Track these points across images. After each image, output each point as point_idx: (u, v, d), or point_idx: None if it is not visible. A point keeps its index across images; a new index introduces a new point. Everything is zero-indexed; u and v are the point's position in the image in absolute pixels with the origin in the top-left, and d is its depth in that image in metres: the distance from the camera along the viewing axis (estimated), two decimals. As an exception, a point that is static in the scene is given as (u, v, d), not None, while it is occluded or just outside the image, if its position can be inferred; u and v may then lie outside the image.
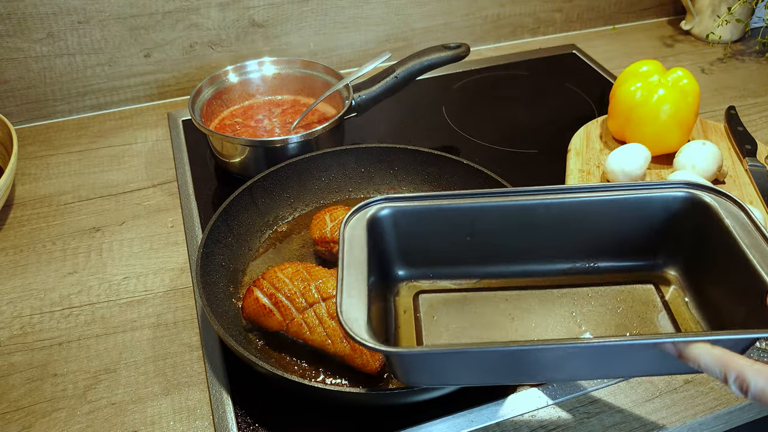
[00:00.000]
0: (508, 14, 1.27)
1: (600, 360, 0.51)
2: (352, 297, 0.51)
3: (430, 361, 0.50)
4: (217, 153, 0.90)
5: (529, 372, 0.52)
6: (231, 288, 0.71)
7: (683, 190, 0.60)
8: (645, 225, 0.62)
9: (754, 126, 1.02)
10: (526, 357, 0.49)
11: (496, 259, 0.64)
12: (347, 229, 0.59)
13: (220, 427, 0.60)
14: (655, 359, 0.49)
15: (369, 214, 0.60)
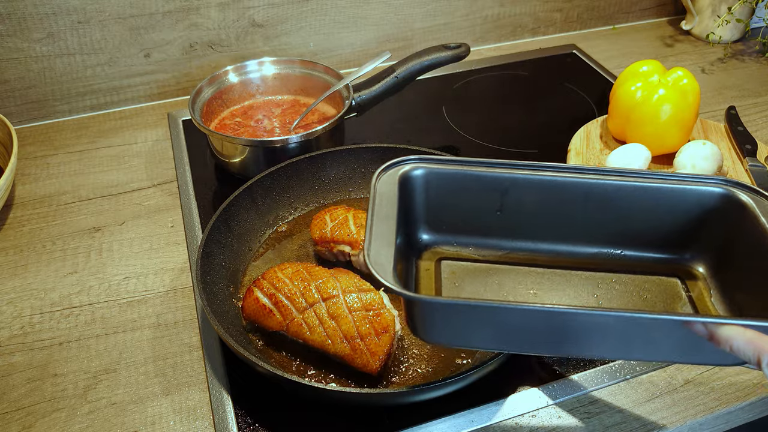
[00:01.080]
0: (508, 14, 1.27)
1: (624, 336, 0.50)
2: (381, 246, 0.51)
3: (451, 314, 0.49)
4: (217, 153, 0.90)
5: (551, 341, 0.51)
6: (231, 288, 0.71)
7: (721, 186, 0.59)
8: (678, 217, 0.61)
9: (754, 126, 1.02)
10: (550, 321, 0.48)
11: (523, 234, 0.63)
12: (379, 183, 0.58)
13: (220, 427, 0.60)
14: (681, 342, 0.48)
15: (401, 171, 0.60)
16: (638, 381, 0.64)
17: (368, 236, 0.51)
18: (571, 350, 0.53)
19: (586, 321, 0.48)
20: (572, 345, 0.51)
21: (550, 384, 0.63)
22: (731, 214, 0.58)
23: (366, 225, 0.52)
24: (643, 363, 0.65)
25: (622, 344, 0.50)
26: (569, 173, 0.60)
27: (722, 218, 0.59)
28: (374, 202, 0.55)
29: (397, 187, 0.58)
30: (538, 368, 0.65)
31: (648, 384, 0.64)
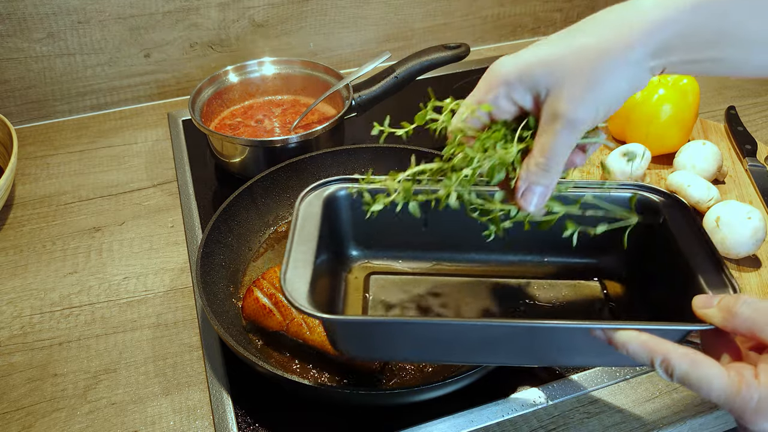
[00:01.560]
0: (508, 14, 1.27)
1: (532, 344, 0.52)
2: (298, 269, 0.52)
3: (359, 330, 0.52)
4: (217, 153, 0.90)
5: (458, 351, 0.53)
6: (231, 288, 0.71)
7: (632, 191, 0.62)
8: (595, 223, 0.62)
9: (754, 126, 1.02)
10: (452, 334, 0.50)
11: (448, 246, 0.65)
12: (303, 204, 0.60)
13: (220, 427, 0.60)
14: (590, 347, 0.50)
15: (327, 192, 0.61)
16: (638, 381, 0.64)
17: (286, 259, 0.53)
18: (481, 359, 0.55)
19: (489, 332, 0.50)
20: (481, 354, 0.53)
21: (550, 384, 0.63)
22: (644, 217, 0.60)
23: (286, 248, 0.54)
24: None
25: (531, 351, 0.53)
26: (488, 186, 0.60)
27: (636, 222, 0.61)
28: (296, 224, 0.57)
29: (321, 208, 0.60)
30: (538, 368, 0.65)
31: (648, 384, 0.64)
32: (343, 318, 0.53)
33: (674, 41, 0.42)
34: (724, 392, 0.40)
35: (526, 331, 0.50)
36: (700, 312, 0.45)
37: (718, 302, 0.44)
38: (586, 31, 0.45)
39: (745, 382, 0.40)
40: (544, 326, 0.48)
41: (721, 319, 0.44)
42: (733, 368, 0.41)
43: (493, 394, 0.62)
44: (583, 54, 0.44)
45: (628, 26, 0.43)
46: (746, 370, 0.41)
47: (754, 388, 0.39)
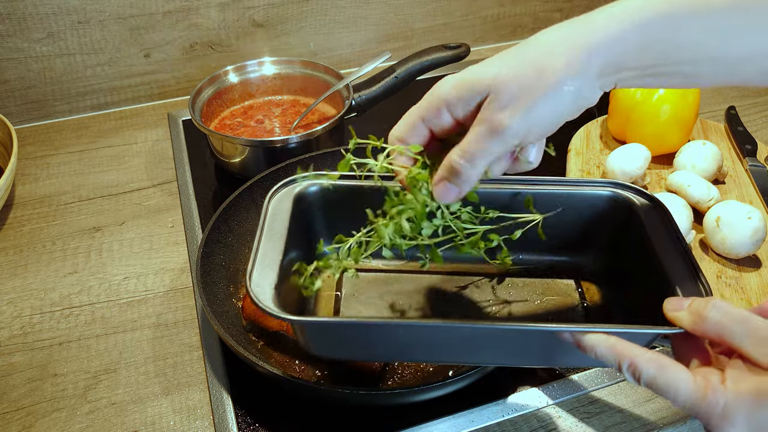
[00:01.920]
0: (508, 14, 1.27)
1: (500, 345, 0.51)
2: (265, 267, 0.52)
3: (325, 332, 0.51)
4: (217, 153, 0.90)
5: (425, 351, 0.53)
6: (231, 288, 0.71)
7: (608, 188, 0.61)
8: (570, 221, 0.62)
9: (754, 126, 1.02)
10: (419, 335, 0.50)
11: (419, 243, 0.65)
12: (273, 201, 0.59)
13: (220, 427, 0.60)
14: (558, 349, 0.50)
15: (297, 189, 0.61)
16: (638, 381, 0.64)
17: (253, 258, 0.52)
18: (450, 358, 0.55)
19: (456, 333, 0.50)
20: (450, 353, 0.53)
21: (550, 384, 0.63)
22: (619, 215, 0.60)
23: (253, 246, 0.53)
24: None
25: (500, 352, 0.52)
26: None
27: (612, 220, 0.61)
28: (264, 221, 0.56)
29: (292, 204, 0.59)
30: (538, 368, 0.65)
31: (648, 384, 0.64)
32: (307, 320, 0.52)
33: (623, 58, 0.43)
34: (691, 397, 0.40)
35: (492, 333, 0.50)
36: (671, 315, 0.45)
37: (688, 305, 0.44)
38: (529, 49, 0.46)
39: (711, 387, 0.40)
40: (509, 329, 0.48)
41: (690, 322, 0.43)
42: (700, 373, 0.41)
43: (493, 394, 0.62)
44: (522, 72, 0.45)
45: (570, 45, 0.44)
46: (713, 375, 0.41)
47: (720, 394, 0.39)
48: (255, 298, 0.48)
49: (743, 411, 0.39)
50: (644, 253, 0.55)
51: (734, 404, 0.39)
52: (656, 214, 0.57)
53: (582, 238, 0.63)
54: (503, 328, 0.49)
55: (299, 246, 0.59)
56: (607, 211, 0.61)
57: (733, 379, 0.40)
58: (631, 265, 0.59)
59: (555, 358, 0.53)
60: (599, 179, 0.62)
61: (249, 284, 0.50)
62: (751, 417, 0.39)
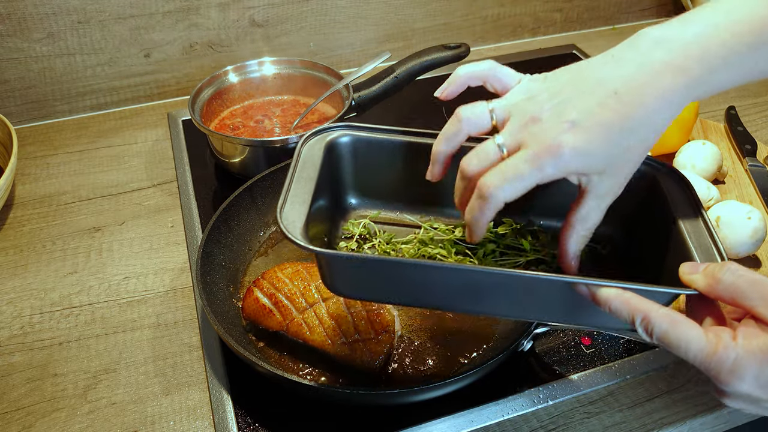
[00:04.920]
0: (508, 14, 1.27)
1: (515, 296, 0.51)
2: (295, 204, 0.52)
3: (352, 268, 0.52)
4: (217, 153, 0.90)
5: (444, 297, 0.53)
6: (231, 288, 0.71)
7: None
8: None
9: (754, 126, 1.02)
10: (438, 277, 0.50)
11: (446, 202, 0.64)
12: (305, 147, 0.59)
13: (220, 427, 0.60)
14: (573, 304, 0.50)
15: (329, 137, 0.61)
16: (638, 381, 0.64)
17: (284, 195, 0.53)
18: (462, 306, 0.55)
19: (473, 278, 0.50)
20: (463, 301, 0.53)
21: (550, 384, 0.63)
22: (641, 185, 0.60)
23: (284, 185, 0.54)
24: (643, 363, 0.65)
25: (516, 304, 0.52)
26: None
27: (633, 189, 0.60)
28: (296, 165, 0.57)
29: (323, 152, 0.59)
30: (538, 368, 0.65)
31: (648, 384, 0.64)
32: (336, 253, 0.53)
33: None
34: (702, 352, 0.41)
35: (509, 280, 0.50)
36: (686, 278, 0.46)
37: (704, 269, 0.45)
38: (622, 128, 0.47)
39: (723, 342, 0.40)
40: (527, 276, 0.48)
41: (705, 284, 0.44)
42: (712, 330, 0.42)
43: (493, 394, 0.62)
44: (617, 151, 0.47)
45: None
46: (724, 332, 0.41)
47: (731, 348, 0.40)
48: (285, 231, 0.49)
49: (753, 366, 0.40)
50: (664, 222, 0.56)
51: (744, 359, 0.40)
52: (677, 184, 0.58)
53: None
54: (521, 275, 0.49)
55: (327, 195, 0.60)
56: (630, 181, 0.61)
57: (744, 335, 0.41)
58: (650, 235, 0.59)
59: (569, 313, 0.53)
60: None
61: (280, 217, 0.50)
62: (760, 372, 0.40)
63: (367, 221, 0.64)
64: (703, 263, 0.46)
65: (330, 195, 0.61)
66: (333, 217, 0.64)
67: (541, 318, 0.59)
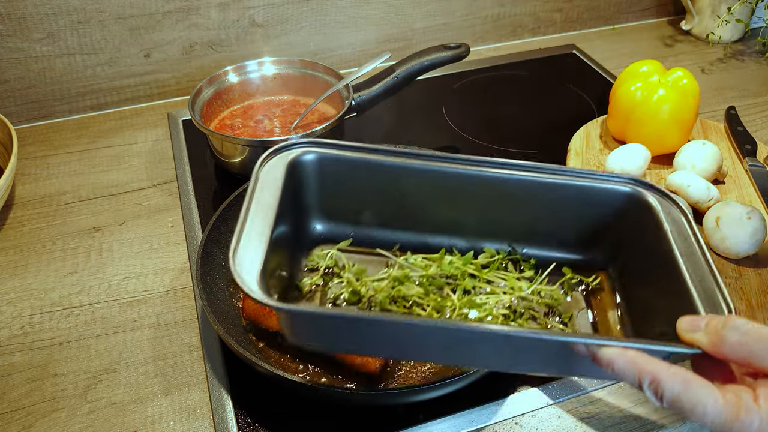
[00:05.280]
0: (508, 14, 1.27)
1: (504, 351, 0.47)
2: (251, 244, 0.46)
3: (311, 322, 0.47)
4: (217, 153, 0.90)
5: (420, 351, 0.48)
6: (231, 288, 0.70)
7: (628, 185, 0.57)
8: (583, 216, 0.58)
9: (754, 126, 1.02)
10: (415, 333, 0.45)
11: (421, 228, 0.60)
12: (263, 169, 0.53)
13: (220, 427, 0.60)
14: (569, 359, 0.46)
15: (291, 156, 0.55)
16: (638, 381, 0.64)
17: (238, 233, 0.47)
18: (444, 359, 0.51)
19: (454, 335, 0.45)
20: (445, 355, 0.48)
21: (550, 384, 0.63)
22: (636, 215, 0.56)
23: (239, 219, 0.48)
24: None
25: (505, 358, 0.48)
26: (469, 165, 0.56)
27: (628, 219, 0.57)
28: (253, 191, 0.50)
29: (284, 173, 0.53)
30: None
31: (648, 384, 0.64)
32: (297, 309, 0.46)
33: None
34: (720, 416, 0.37)
35: (495, 338, 0.45)
36: (687, 337, 0.42)
37: (705, 325, 0.41)
38: None
39: (744, 406, 0.37)
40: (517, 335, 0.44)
41: (709, 345, 0.40)
42: (730, 391, 0.38)
43: (493, 394, 0.62)
44: None
45: None
46: (744, 392, 0.38)
47: (755, 413, 0.37)
48: (239, 281, 0.43)
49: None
50: (663, 258, 0.52)
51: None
52: (679, 216, 0.54)
53: (594, 234, 0.60)
54: (510, 333, 0.44)
55: (290, 220, 0.54)
56: (623, 209, 0.57)
57: (766, 397, 0.37)
58: (647, 269, 0.55)
59: (565, 367, 0.49)
60: (619, 174, 0.57)
61: (232, 263, 0.44)
62: None
63: (334, 251, 0.59)
64: (703, 317, 0.42)
65: (293, 221, 0.56)
66: (296, 246, 0.58)
67: (536, 371, 0.54)
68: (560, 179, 0.57)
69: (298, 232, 0.58)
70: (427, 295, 0.55)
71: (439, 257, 0.58)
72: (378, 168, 0.57)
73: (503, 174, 0.57)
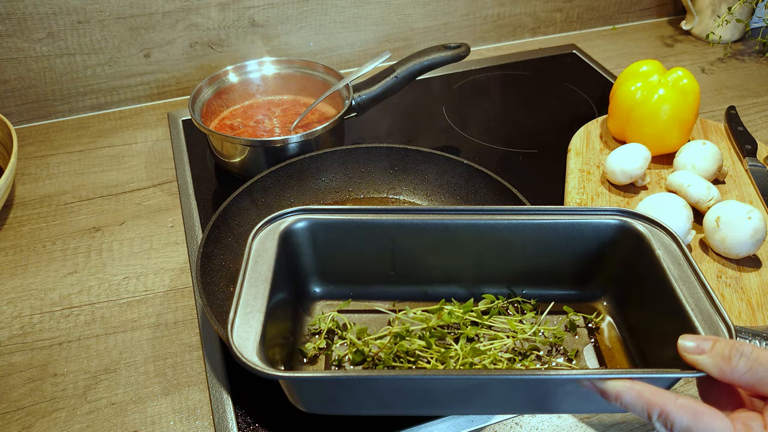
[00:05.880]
0: (508, 14, 1.27)
1: (512, 395, 0.48)
2: (248, 315, 0.48)
3: (322, 388, 0.47)
4: (217, 153, 0.90)
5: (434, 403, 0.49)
6: (231, 288, 0.71)
7: (616, 217, 0.58)
8: (576, 252, 0.60)
9: (754, 126, 1.02)
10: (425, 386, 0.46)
11: (420, 280, 0.62)
12: (256, 241, 0.55)
13: (220, 427, 0.60)
14: (575, 396, 0.46)
15: (283, 226, 0.57)
16: (638, 381, 0.64)
17: (234, 307, 0.48)
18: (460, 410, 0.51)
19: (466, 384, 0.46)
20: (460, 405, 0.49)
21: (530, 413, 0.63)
22: (628, 245, 0.57)
23: (235, 291, 0.49)
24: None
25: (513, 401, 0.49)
26: (457, 215, 0.58)
27: (620, 250, 0.58)
28: (247, 263, 0.52)
29: (277, 243, 0.55)
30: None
31: (648, 384, 0.64)
32: (297, 376, 0.46)
33: None
34: None
35: (504, 383, 0.46)
36: (691, 359, 0.42)
37: (711, 348, 0.41)
38: None
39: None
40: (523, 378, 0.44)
41: (717, 370, 0.40)
42: (740, 419, 0.38)
43: (493, 394, 0.62)
44: None
45: None
46: (754, 421, 0.38)
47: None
48: (238, 354, 0.44)
49: None
50: (659, 285, 0.52)
51: None
52: (669, 242, 0.55)
53: (589, 269, 0.61)
54: (517, 378, 0.45)
55: (287, 286, 0.56)
56: (615, 241, 0.58)
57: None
58: (644, 298, 0.56)
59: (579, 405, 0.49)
60: (606, 207, 0.58)
61: (231, 337, 0.45)
62: None
63: (335, 314, 0.60)
64: (706, 338, 0.42)
65: (291, 287, 0.57)
66: (296, 311, 0.60)
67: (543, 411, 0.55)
68: (548, 219, 0.58)
69: (297, 297, 0.60)
70: (430, 348, 0.56)
71: (438, 308, 0.59)
72: (368, 227, 0.59)
73: (491, 220, 0.58)
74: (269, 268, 0.52)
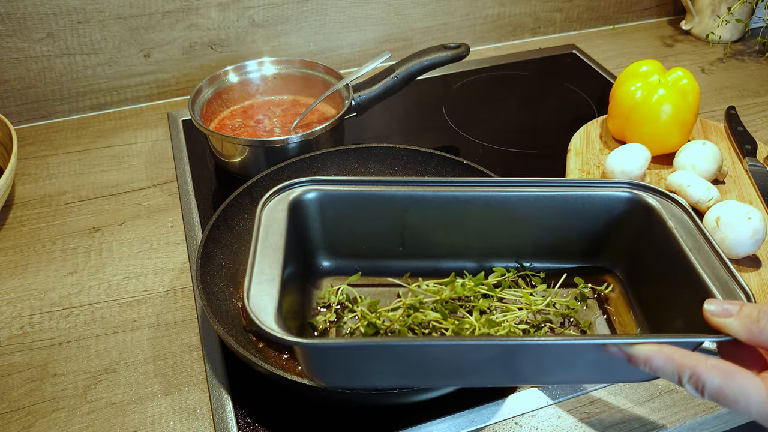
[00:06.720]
0: (508, 14, 1.27)
1: (532, 363, 0.47)
2: (263, 283, 0.47)
3: (339, 356, 0.46)
4: (217, 153, 0.90)
5: (449, 373, 0.48)
6: (231, 288, 0.70)
7: (626, 190, 0.58)
8: (586, 225, 0.59)
9: (754, 126, 1.02)
10: (441, 354, 0.45)
11: (427, 254, 0.61)
12: (265, 210, 0.54)
13: (220, 427, 0.60)
14: (597, 363, 0.46)
15: (292, 196, 0.56)
16: (638, 381, 0.64)
17: (249, 273, 0.47)
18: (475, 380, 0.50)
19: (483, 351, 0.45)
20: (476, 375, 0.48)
21: (549, 384, 0.63)
22: (639, 217, 0.57)
23: (249, 260, 0.49)
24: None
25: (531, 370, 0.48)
26: (468, 187, 0.57)
27: (631, 222, 0.58)
28: (258, 232, 0.51)
29: (287, 213, 0.54)
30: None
31: (648, 384, 0.64)
32: (323, 343, 0.45)
33: None
34: (764, 405, 0.36)
35: (526, 349, 0.45)
36: (717, 321, 0.41)
37: (738, 312, 0.40)
38: None
39: None
40: (546, 343, 0.44)
41: (746, 332, 0.39)
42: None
43: (493, 394, 0.62)
44: None
45: None
46: None
47: None
48: (257, 320, 0.43)
49: None
50: (672, 256, 0.52)
51: None
52: (680, 214, 0.55)
53: (599, 242, 0.60)
54: (540, 343, 0.44)
55: (295, 259, 0.55)
56: (625, 213, 0.58)
57: None
58: (657, 269, 0.56)
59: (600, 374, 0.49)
60: (616, 180, 0.58)
61: (248, 304, 0.45)
62: None
63: (345, 287, 0.59)
64: (732, 302, 0.42)
65: (299, 260, 0.56)
66: (306, 284, 0.59)
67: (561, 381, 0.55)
68: (559, 191, 0.58)
69: (306, 270, 0.59)
70: (445, 320, 0.55)
71: (451, 280, 0.59)
72: (378, 200, 0.58)
73: (503, 192, 0.58)
74: (281, 237, 0.51)
